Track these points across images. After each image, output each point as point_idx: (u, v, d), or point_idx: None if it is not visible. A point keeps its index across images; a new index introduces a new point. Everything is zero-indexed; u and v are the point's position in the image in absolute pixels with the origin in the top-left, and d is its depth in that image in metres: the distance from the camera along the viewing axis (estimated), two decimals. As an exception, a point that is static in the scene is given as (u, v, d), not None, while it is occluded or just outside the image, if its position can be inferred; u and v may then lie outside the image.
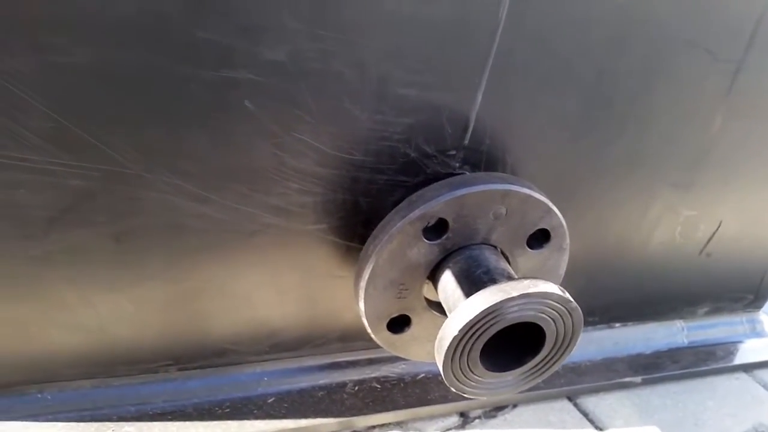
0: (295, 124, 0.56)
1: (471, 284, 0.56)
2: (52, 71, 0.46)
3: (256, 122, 0.54)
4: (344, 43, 0.52)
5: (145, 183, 0.54)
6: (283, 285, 0.67)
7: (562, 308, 0.51)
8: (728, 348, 0.94)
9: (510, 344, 0.55)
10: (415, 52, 0.54)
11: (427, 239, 0.58)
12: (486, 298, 0.50)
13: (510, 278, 0.56)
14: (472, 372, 0.54)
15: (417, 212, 0.56)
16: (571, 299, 0.51)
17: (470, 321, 0.48)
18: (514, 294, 0.49)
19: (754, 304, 0.97)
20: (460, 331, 0.49)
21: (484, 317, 0.49)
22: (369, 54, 0.53)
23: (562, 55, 0.59)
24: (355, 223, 0.64)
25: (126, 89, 0.49)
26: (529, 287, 0.50)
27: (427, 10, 0.52)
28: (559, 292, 0.50)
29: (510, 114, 0.62)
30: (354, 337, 0.73)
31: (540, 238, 0.63)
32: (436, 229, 0.59)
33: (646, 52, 0.61)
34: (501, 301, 0.48)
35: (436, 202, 0.56)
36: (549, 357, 0.55)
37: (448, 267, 0.59)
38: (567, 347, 0.54)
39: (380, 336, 0.63)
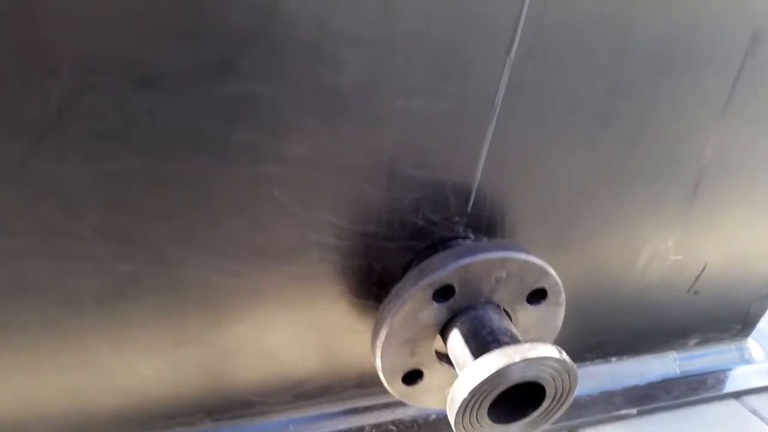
0: (315, 205, 0.62)
1: (478, 345, 0.62)
2: (104, 177, 0.53)
3: (282, 206, 0.61)
4: (360, 136, 0.59)
5: (185, 264, 0.61)
6: (306, 342, 0.73)
7: (560, 367, 0.58)
8: (719, 376, 1.00)
9: (514, 398, 0.61)
10: (421, 139, 0.61)
11: (436, 302, 0.65)
12: (491, 361, 0.56)
13: (512, 337, 0.63)
14: (480, 425, 0.60)
15: (426, 280, 0.63)
16: (567, 359, 0.58)
17: (477, 385, 0.55)
18: (517, 359, 0.55)
19: (742, 333, 1.04)
20: (469, 393, 0.56)
21: (490, 380, 0.56)
22: (381, 143, 0.60)
23: (552, 134, 0.66)
24: (370, 284, 0.71)
25: (170, 187, 0.56)
26: (529, 351, 0.56)
27: (431, 105, 0.59)
28: (557, 354, 0.57)
29: (507, 184, 0.69)
30: (370, 384, 0.80)
31: (538, 295, 0.69)
32: (444, 292, 0.65)
33: (630, 124, 0.68)
34: (505, 366, 0.55)
35: (444, 271, 0.63)
36: (549, 409, 0.61)
37: (456, 326, 0.66)
38: (565, 400, 0.61)
39: (395, 388, 0.69)
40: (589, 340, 0.90)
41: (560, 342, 0.65)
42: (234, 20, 0.48)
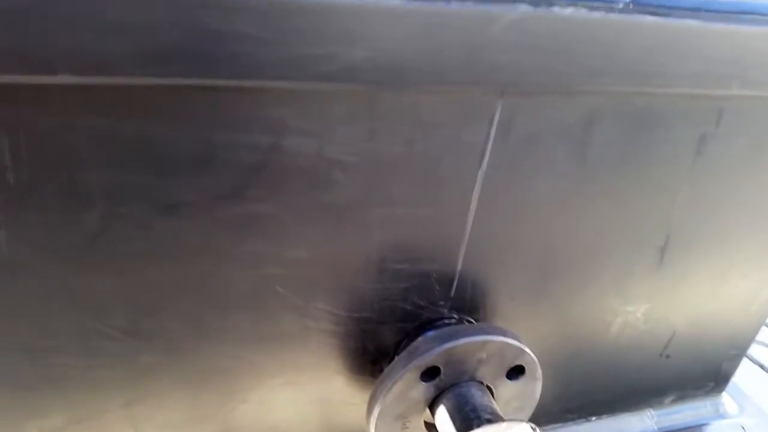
0: (314, 298, 0.70)
1: (461, 421, 0.70)
2: (130, 286, 0.61)
3: (284, 300, 0.69)
4: (352, 240, 0.67)
5: (198, 352, 0.68)
6: (307, 415, 0.81)
7: (533, 443, 0.65)
8: (695, 431, 1.07)
9: (494, 469, 0.68)
10: (406, 239, 0.69)
11: (423, 381, 0.73)
12: (472, 440, 0.64)
13: (493, 414, 0.70)
14: (465, 495, 0.67)
15: (414, 363, 0.71)
16: (540, 436, 0.65)
17: (460, 463, 0.62)
18: (494, 439, 0.63)
19: (716, 390, 1.11)
20: (452, 470, 0.63)
21: (471, 457, 0.63)
22: (371, 245, 0.68)
23: (523, 227, 0.74)
24: (366, 362, 0.79)
25: (186, 291, 0.64)
26: (506, 431, 0.64)
27: (414, 212, 0.67)
28: (530, 432, 0.64)
29: (485, 270, 0.77)
30: (367, 451, 0.87)
31: (517, 371, 0.77)
32: (431, 373, 0.73)
33: (593, 216, 0.77)
34: (484, 446, 0.62)
35: (429, 355, 0.71)
36: (526, 479, 0.69)
37: (443, 402, 0.73)
38: (540, 471, 0.68)
39: (389, 459, 0.76)
40: (569, 404, 0.97)
41: (541, 407, 0.72)
42: (243, 155, 0.57)
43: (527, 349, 0.75)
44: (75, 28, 0.41)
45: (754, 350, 1.34)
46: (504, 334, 0.74)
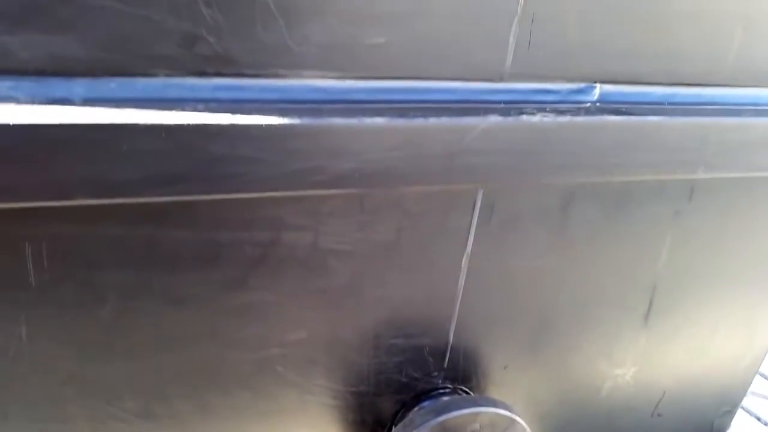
0: (313, 375, 0.74)
1: (455, 491, 0.73)
2: (140, 372, 0.66)
3: (284, 378, 0.73)
4: (348, 321, 0.71)
5: (204, 429, 0.72)
6: (308, 485, 0.84)
7: None
8: (691, 487, 1.09)
9: None
10: (399, 317, 0.74)
11: (419, 452, 0.76)
12: None
13: (485, 484, 0.73)
14: None
15: (410, 435, 0.74)
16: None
17: None
18: None
19: (710, 446, 1.13)
20: None
21: None
22: (366, 324, 0.73)
23: (509, 303, 0.79)
24: (364, 432, 0.82)
25: (193, 375, 0.68)
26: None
27: (405, 292, 0.72)
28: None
29: (476, 342, 0.81)
30: None
31: (509, 439, 0.80)
32: (426, 443, 0.76)
33: (574, 284, 0.81)
34: None
35: (424, 427, 0.74)
36: None
37: (438, 472, 0.76)
38: None
39: None
40: (565, 465, 1.00)
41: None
42: (245, 250, 0.62)
43: (518, 419, 0.79)
44: (93, 159, 0.46)
45: (748, 401, 1.36)
46: (495, 405, 0.78)
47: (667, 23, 0.65)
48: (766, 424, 1.34)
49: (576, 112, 0.60)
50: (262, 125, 0.49)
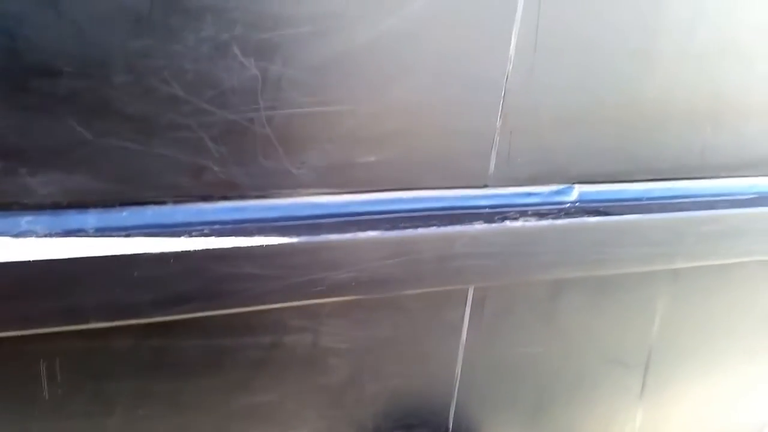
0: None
1: None
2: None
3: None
4: (348, 415, 0.73)
5: None
6: None
7: None
8: None
9: None
10: (399, 407, 0.76)
11: None
12: None
13: None
14: None
15: None
16: None
17: None
18: None
19: None
20: None
21: None
22: (366, 416, 0.75)
23: (506, 389, 0.81)
24: None
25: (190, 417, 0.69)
26: None
27: (403, 386, 0.74)
28: None
29: (475, 426, 0.83)
30: None
31: None
32: None
33: (568, 387, 0.83)
34: None
35: None
36: None
37: None
38: None
39: None
40: None
41: None
42: (248, 354, 0.64)
43: (519, 505, 0.80)
44: (106, 287, 0.50)
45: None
46: (496, 491, 0.79)
47: (640, 124, 0.70)
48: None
49: (556, 214, 0.64)
50: (263, 245, 0.53)
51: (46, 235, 0.49)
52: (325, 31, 0.52)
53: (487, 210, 0.64)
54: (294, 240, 0.54)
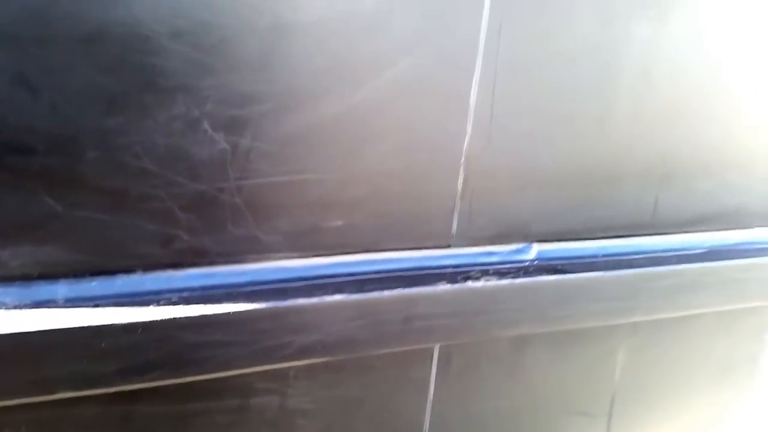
0: None
1: None
2: None
3: None
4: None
5: None
6: None
7: None
8: None
9: None
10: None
11: None
12: None
13: None
14: None
15: None
16: None
17: None
18: None
19: None
20: None
21: None
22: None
23: (478, 430, 0.82)
24: None
25: None
26: None
27: (374, 442, 0.75)
28: None
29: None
30: None
31: None
32: None
33: (539, 429, 0.85)
34: None
35: None
36: None
37: None
38: None
39: None
40: None
41: None
42: (215, 418, 0.65)
43: None
44: (74, 358, 0.50)
45: None
46: None
47: (594, 184, 0.73)
48: None
49: (516, 273, 0.67)
50: (231, 312, 0.54)
51: (15, 307, 0.50)
52: (293, 106, 0.54)
53: (450, 270, 0.66)
54: (261, 305, 0.55)
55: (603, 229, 0.75)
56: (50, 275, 0.52)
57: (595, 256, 0.73)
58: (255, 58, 0.51)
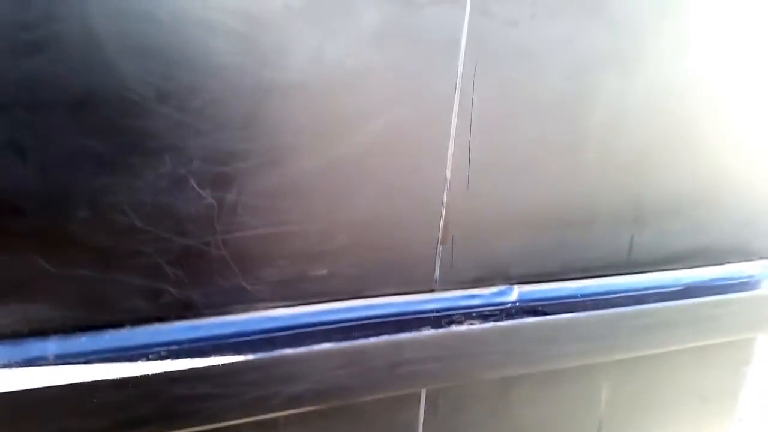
0: None
1: None
2: None
3: None
4: None
5: None
6: None
7: None
8: None
9: None
10: None
11: None
12: None
13: None
14: None
15: None
16: None
17: None
18: None
19: None
20: None
21: None
22: None
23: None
24: None
25: None
26: None
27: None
28: None
29: None
30: None
31: None
32: None
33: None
34: None
35: None
36: None
37: None
38: None
39: None
40: None
41: None
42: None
43: None
44: (64, 414, 0.51)
45: None
46: None
47: (570, 226, 0.76)
48: None
49: (499, 315, 0.68)
50: (219, 364, 0.55)
51: (5, 366, 0.51)
52: (276, 161, 0.57)
53: (434, 314, 0.68)
54: (249, 357, 0.57)
55: (581, 270, 0.77)
56: (40, 332, 0.53)
57: (575, 297, 0.75)
58: (239, 117, 0.54)
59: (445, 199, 0.66)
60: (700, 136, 0.77)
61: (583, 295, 0.76)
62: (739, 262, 0.88)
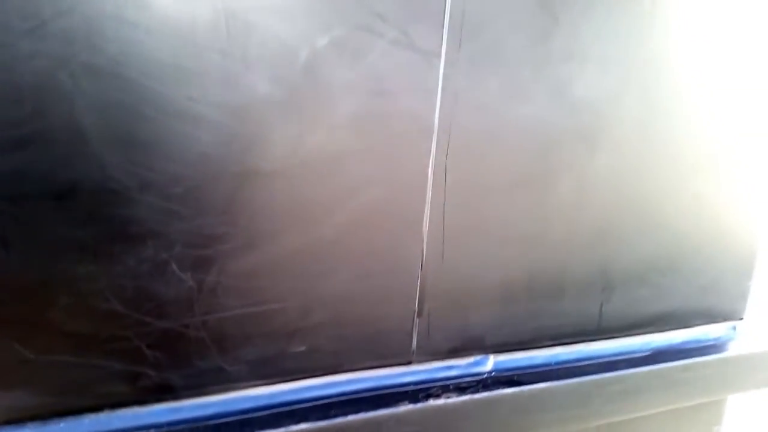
0: None
1: None
2: None
3: None
4: None
5: None
6: None
7: None
8: None
9: None
10: None
11: None
12: None
13: None
14: None
15: None
16: None
17: None
18: None
19: None
20: None
21: None
22: None
23: None
24: None
25: None
26: None
27: None
28: None
29: None
30: None
31: None
32: None
33: None
34: None
35: None
36: None
37: None
38: None
39: None
40: None
41: None
42: None
43: None
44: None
45: None
46: None
47: (541, 296, 0.78)
48: None
49: (475, 387, 0.70)
50: (198, 449, 0.55)
51: (-22, 456, 0.50)
52: (255, 243, 0.58)
53: (412, 387, 0.69)
54: (227, 440, 0.57)
55: (553, 337, 0.79)
56: (18, 420, 0.53)
57: (548, 364, 0.77)
58: (220, 203, 0.55)
59: (420, 273, 0.68)
60: (662, 206, 0.81)
61: (556, 363, 0.78)
62: (704, 324, 0.90)
